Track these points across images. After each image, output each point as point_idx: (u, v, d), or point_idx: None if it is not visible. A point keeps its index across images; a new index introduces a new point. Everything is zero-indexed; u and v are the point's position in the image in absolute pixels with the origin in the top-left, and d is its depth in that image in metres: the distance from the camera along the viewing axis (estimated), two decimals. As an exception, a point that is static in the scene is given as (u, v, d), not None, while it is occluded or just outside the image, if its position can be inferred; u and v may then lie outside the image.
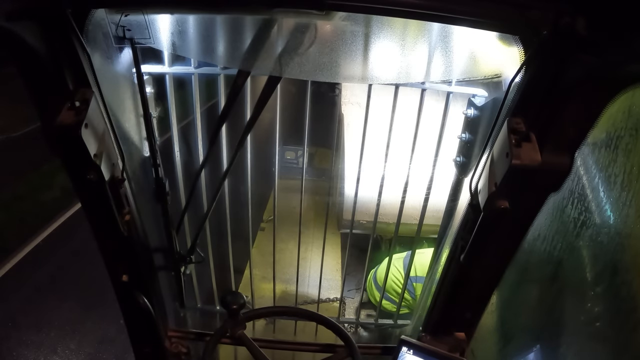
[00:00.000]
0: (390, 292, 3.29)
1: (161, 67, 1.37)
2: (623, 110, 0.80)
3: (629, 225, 0.81)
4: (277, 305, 2.27)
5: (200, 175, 1.43)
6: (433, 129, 1.54)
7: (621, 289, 0.83)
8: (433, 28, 1.01)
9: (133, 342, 1.60)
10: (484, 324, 1.41)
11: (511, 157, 0.86)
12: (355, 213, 1.92)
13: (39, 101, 0.99)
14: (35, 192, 5.60)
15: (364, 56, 1.07)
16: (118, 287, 1.40)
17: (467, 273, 1.27)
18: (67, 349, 3.69)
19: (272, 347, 1.76)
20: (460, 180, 1.40)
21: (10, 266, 4.61)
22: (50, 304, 4.12)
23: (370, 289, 3.57)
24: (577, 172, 0.93)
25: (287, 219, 2.56)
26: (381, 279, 3.51)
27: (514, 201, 0.95)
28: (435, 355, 1.37)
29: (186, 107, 1.56)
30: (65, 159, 1.07)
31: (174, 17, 1.03)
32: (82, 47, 0.93)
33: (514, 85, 0.91)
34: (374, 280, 3.58)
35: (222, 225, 1.88)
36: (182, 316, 1.82)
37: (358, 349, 1.44)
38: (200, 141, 1.58)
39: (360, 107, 3.88)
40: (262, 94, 1.13)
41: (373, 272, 3.62)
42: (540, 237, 1.08)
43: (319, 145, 6.01)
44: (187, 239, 1.57)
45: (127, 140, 1.24)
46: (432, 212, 1.75)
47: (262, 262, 3.60)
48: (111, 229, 1.21)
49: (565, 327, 1.02)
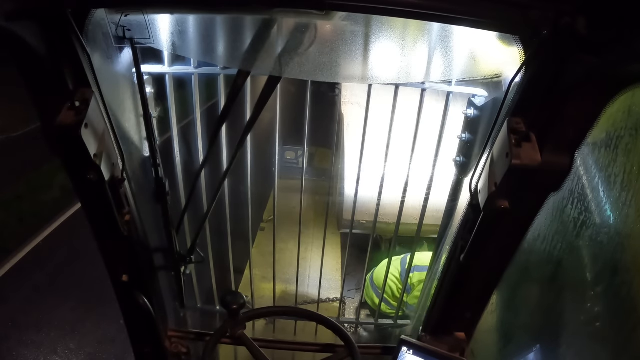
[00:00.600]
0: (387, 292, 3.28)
1: (161, 67, 1.37)
2: (623, 110, 0.80)
3: (629, 225, 0.81)
4: (277, 305, 2.27)
5: (200, 175, 1.43)
6: (433, 129, 1.54)
7: (621, 289, 0.83)
8: (433, 28, 1.01)
9: (133, 342, 1.60)
10: (484, 324, 1.41)
11: (511, 157, 0.86)
12: (355, 213, 1.92)
13: (39, 101, 0.99)
14: (35, 192, 5.61)
15: (364, 56, 1.07)
16: (118, 287, 1.40)
17: (467, 273, 1.27)
18: (67, 349, 3.69)
19: (272, 347, 1.76)
20: (460, 180, 1.40)
21: (10, 266, 4.61)
22: (50, 304, 4.12)
23: (367, 290, 3.56)
24: (577, 172, 0.93)
25: (287, 219, 2.57)
26: (377, 280, 3.51)
27: (514, 201, 0.95)
28: (435, 355, 1.37)
29: (186, 107, 1.56)
30: (65, 159, 1.07)
31: (174, 17, 1.03)
32: (82, 47, 0.93)
33: (514, 85, 0.91)
34: (370, 281, 3.57)
35: (222, 225, 1.88)
36: (182, 316, 1.81)
37: (358, 349, 1.44)
38: (200, 141, 1.58)
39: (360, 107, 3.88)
40: (262, 94, 1.13)
41: (370, 274, 3.61)
42: (540, 237, 1.08)
43: (319, 145, 6.01)
44: (187, 239, 1.57)
45: (127, 140, 1.24)
46: (432, 212, 1.76)
47: (262, 262, 3.60)
48: (111, 229, 1.21)
49: (565, 327, 1.02)
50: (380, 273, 3.49)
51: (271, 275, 2.21)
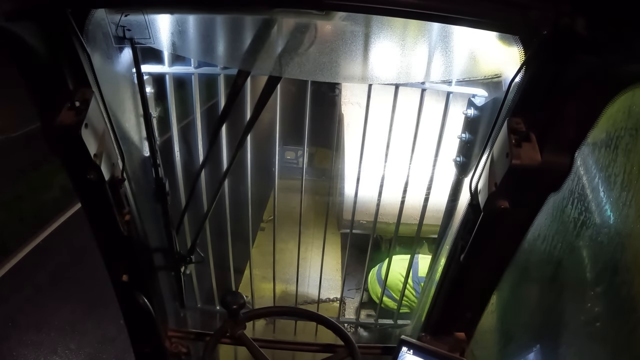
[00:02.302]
0: (394, 290, 3.29)
1: (161, 67, 1.37)
2: (623, 110, 0.80)
3: (629, 225, 0.81)
4: (277, 305, 2.27)
5: (200, 175, 1.43)
6: (433, 129, 1.54)
7: (621, 289, 0.83)
8: (433, 28, 1.01)
9: (133, 342, 1.60)
10: (484, 324, 1.41)
11: (511, 157, 0.86)
12: (355, 213, 1.92)
13: (39, 101, 0.99)
14: (35, 192, 5.60)
15: (364, 56, 1.07)
16: (118, 287, 1.40)
17: (467, 273, 1.27)
18: (67, 349, 3.69)
19: (272, 347, 1.76)
20: (460, 180, 1.40)
21: (10, 266, 4.61)
22: (50, 304, 4.12)
23: (373, 285, 3.56)
24: (577, 172, 0.93)
25: (287, 219, 2.57)
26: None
27: (514, 201, 0.95)
28: (435, 355, 1.37)
29: (186, 107, 1.56)
30: (65, 159, 1.07)
31: (174, 17, 1.03)
32: (82, 47, 0.93)
33: (514, 85, 0.91)
34: (377, 277, 3.57)
35: (222, 225, 1.88)
36: (182, 316, 1.81)
37: (358, 349, 1.44)
38: (200, 141, 1.58)
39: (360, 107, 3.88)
40: (262, 94, 1.13)
41: (377, 269, 3.61)
42: (540, 237, 1.08)
43: (319, 145, 6.02)
44: (187, 239, 1.57)
45: (127, 140, 1.24)
46: (432, 212, 1.76)
47: (262, 262, 3.60)
48: (111, 229, 1.21)
49: (565, 327, 1.02)
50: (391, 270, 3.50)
51: (271, 275, 2.21)
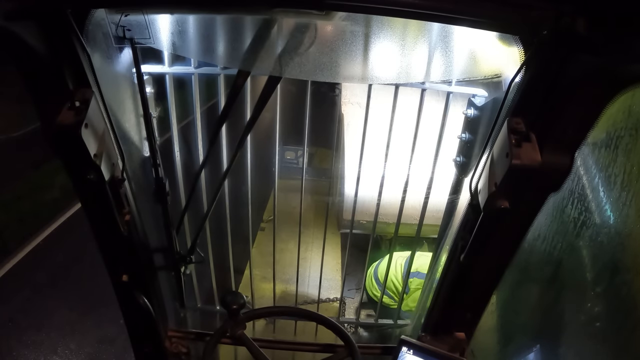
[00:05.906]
0: (389, 288, 3.30)
1: (161, 67, 1.37)
2: (623, 110, 0.80)
3: (629, 225, 0.81)
4: (277, 305, 2.27)
5: (200, 175, 1.43)
6: (433, 129, 1.54)
7: (621, 289, 0.83)
8: (433, 28, 1.01)
9: (133, 342, 1.60)
10: (484, 324, 1.41)
11: (511, 157, 0.86)
12: (355, 213, 1.92)
13: (39, 101, 0.99)
14: (35, 192, 5.60)
15: (364, 56, 1.07)
16: (118, 287, 1.40)
17: (467, 273, 1.27)
18: (67, 349, 3.69)
19: (272, 347, 1.76)
20: (460, 180, 1.40)
21: (10, 266, 4.62)
22: (50, 304, 4.12)
23: (370, 283, 3.57)
24: (577, 172, 0.93)
25: (287, 219, 2.56)
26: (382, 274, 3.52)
27: (514, 201, 0.95)
28: (435, 355, 1.37)
29: (186, 107, 1.56)
30: (65, 159, 1.08)
31: (174, 17, 1.03)
32: (82, 47, 0.93)
33: (514, 85, 0.91)
34: (374, 275, 3.58)
35: (222, 225, 1.87)
36: (182, 316, 1.82)
37: (358, 349, 1.44)
38: (200, 141, 1.58)
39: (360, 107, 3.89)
40: (262, 94, 1.13)
41: (374, 268, 3.62)
42: (540, 237, 1.08)
43: (319, 145, 6.02)
44: (187, 239, 1.57)
45: (127, 140, 1.24)
46: (432, 212, 1.75)
47: (262, 262, 3.59)
48: (111, 229, 1.21)
49: (565, 327, 1.02)
50: (383, 268, 3.50)
51: (271, 275, 2.21)
